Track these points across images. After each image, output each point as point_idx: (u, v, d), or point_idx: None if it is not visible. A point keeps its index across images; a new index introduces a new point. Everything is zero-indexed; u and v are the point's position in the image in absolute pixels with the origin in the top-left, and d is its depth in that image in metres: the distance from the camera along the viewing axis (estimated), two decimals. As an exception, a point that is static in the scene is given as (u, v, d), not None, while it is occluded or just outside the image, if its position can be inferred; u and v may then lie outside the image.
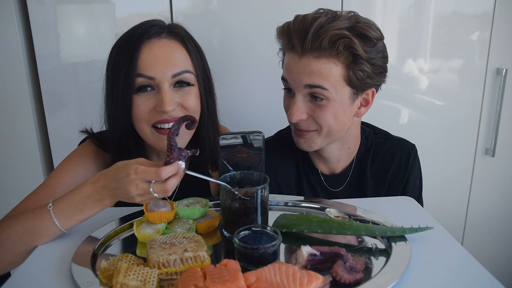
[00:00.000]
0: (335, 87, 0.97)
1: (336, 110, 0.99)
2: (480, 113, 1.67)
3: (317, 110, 0.99)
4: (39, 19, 1.43)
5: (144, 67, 0.93)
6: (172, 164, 0.77)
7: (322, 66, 0.95)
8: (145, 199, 0.79)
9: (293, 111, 0.99)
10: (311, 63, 0.95)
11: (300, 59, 0.96)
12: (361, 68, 0.96)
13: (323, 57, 0.94)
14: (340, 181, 1.16)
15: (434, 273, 0.70)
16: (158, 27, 0.97)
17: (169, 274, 0.69)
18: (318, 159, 1.15)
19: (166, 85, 0.94)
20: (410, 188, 1.17)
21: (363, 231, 0.80)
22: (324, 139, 1.04)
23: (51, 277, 0.72)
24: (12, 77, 1.46)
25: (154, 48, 0.94)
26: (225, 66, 1.14)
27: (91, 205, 0.82)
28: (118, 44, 0.98)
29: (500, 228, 1.81)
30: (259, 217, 0.82)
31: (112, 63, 0.98)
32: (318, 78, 0.95)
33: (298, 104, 0.99)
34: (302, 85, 0.97)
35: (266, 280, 0.63)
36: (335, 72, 0.95)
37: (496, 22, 1.56)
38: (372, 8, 1.54)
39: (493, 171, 1.73)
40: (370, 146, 1.17)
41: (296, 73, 0.97)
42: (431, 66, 1.60)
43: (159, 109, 0.94)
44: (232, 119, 1.27)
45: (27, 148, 1.52)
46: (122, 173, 0.77)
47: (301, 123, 1.02)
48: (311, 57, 0.95)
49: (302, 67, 0.96)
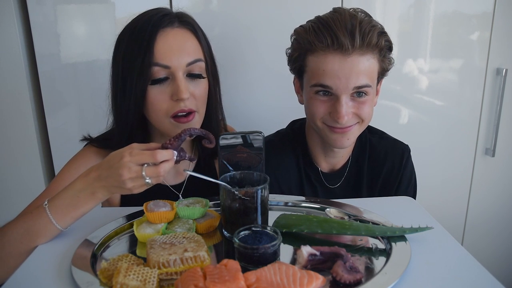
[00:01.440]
0: (373, 82, 1.00)
1: (371, 101, 1.02)
2: (480, 113, 1.67)
3: (360, 107, 1.00)
4: (39, 19, 1.43)
5: (160, 56, 0.94)
6: (168, 150, 0.78)
7: (366, 63, 0.96)
8: (137, 185, 0.78)
9: (343, 113, 0.97)
10: (358, 61, 0.95)
11: (346, 59, 0.94)
12: (389, 59, 1.01)
13: (367, 53, 0.95)
14: (337, 177, 1.17)
15: (434, 273, 0.70)
16: (169, 16, 0.97)
17: (169, 274, 0.69)
18: (324, 156, 1.15)
19: (181, 74, 0.95)
20: (402, 189, 1.17)
21: (363, 231, 0.80)
22: (361, 130, 1.06)
23: (51, 277, 0.72)
24: (12, 77, 1.46)
25: (168, 37, 0.95)
26: (225, 66, 1.14)
27: (84, 200, 0.81)
28: (128, 33, 0.97)
29: (500, 228, 1.81)
30: (259, 217, 0.82)
31: (123, 52, 0.97)
32: (366, 78, 0.96)
33: (345, 106, 0.98)
34: (351, 87, 0.96)
35: (266, 280, 0.63)
36: (375, 68, 0.99)
37: (496, 22, 1.56)
38: (372, 8, 1.54)
39: (493, 171, 1.73)
40: (365, 143, 1.18)
41: (344, 76, 0.95)
42: (431, 66, 1.60)
43: (175, 97, 0.95)
44: (232, 119, 1.27)
45: (27, 148, 1.52)
46: (116, 158, 0.78)
47: (346, 121, 1.01)
48: (357, 55, 0.94)
49: (350, 68, 0.94)
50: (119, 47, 0.99)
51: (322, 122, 1.03)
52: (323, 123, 1.03)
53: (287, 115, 1.27)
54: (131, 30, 0.97)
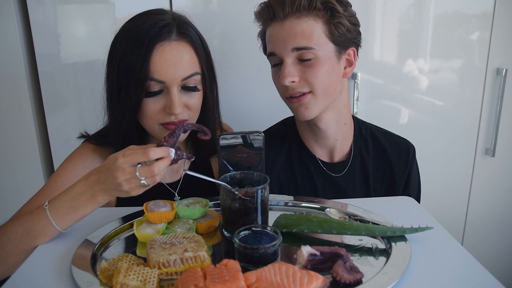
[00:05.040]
0: (319, 45, 1.00)
1: (325, 67, 1.01)
2: (480, 113, 1.67)
3: (308, 71, 1.00)
4: (39, 19, 1.43)
5: (155, 70, 0.94)
6: (162, 147, 0.77)
7: (304, 25, 0.99)
8: (133, 187, 0.77)
9: (285, 73, 1.00)
10: (293, 25, 0.99)
11: (282, 25, 1.00)
12: (340, 21, 1.01)
13: (303, 16, 0.99)
14: (340, 167, 1.16)
15: (434, 273, 0.70)
16: (168, 27, 0.96)
17: (169, 274, 0.69)
18: (316, 142, 1.15)
19: (175, 88, 0.96)
20: (412, 183, 1.18)
21: (363, 231, 0.80)
22: (321, 101, 1.04)
23: (51, 277, 0.72)
24: (12, 77, 1.46)
25: (165, 51, 0.95)
26: (225, 66, 1.14)
27: (84, 203, 0.81)
28: (125, 42, 0.96)
29: (500, 228, 1.81)
30: (259, 217, 0.82)
31: (118, 62, 0.97)
32: (302, 39, 0.98)
33: (288, 67, 1.00)
34: (289, 49, 1.00)
35: (266, 280, 0.63)
36: (316, 29, 0.99)
37: (496, 22, 1.56)
38: (372, 8, 1.54)
39: (493, 171, 1.73)
40: (365, 134, 1.18)
41: (282, 40, 1.00)
42: (431, 66, 1.60)
43: (168, 110, 0.96)
44: (232, 119, 1.27)
45: (27, 148, 1.52)
46: (111, 160, 0.78)
47: (294, 86, 1.01)
48: (292, 19, 0.99)
49: (287, 32, 0.99)
50: (115, 53, 0.98)
51: (285, 97, 1.06)
52: (285, 98, 1.06)
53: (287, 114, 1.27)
54: (128, 39, 0.96)
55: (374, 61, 1.57)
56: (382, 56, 1.59)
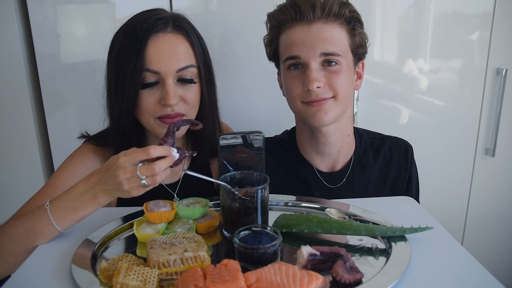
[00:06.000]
0: (344, 52, 1.01)
1: (346, 74, 1.02)
2: (480, 113, 1.67)
3: (332, 76, 1.00)
4: (39, 19, 1.43)
5: (150, 61, 0.94)
6: (163, 146, 0.77)
7: (332, 31, 0.99)
8: (133, 186, 0.77)
9: (312, 78, 0.98)
10: (322, 28, 0.98)
11: (309, 28, 0.99)
12: (360, 33, 1.02)
13: (330, 21, 0.99)
14: (338, 177, 1.15)
15: (434, 273, 0.70)
16: (163, 20, 0.97)
17: (169, 274, 0.69)
18: (317, 153, 1.14)
19: (171, 80, 0.96)
20: (413, 183, 1.18)
21: (363, 231, 0.80)
22: (340, 107, 1.04)
23: (51, 277, 0.72)
24: (12, 77, 1.46)
25: (160, 42, 0.95)
26: (225, 66, 1.14)
27: (85, 203, 0.81)
28: (122, 36, 0.98)
29: (500, 228, 1.81)
30: (259, 217, 0.82)
31: (116, 56, 0.98)
32: (331, 45, 0.98)
33: (315, 72, 0.99)
34: (317, 54, 0.99)
35: (266, 280, 0.63)
36: (342, 37, 1.00)
37: (496, 22, 1.56)
38: (372, 8, 1.54)
39: (493, 171, 1.73)
40: (365, 144, 1.18)
41: (309, 43, 0.98)
42: (431, 66, 1.60)
43: (163, 102, 0.96)
44: (232, 119, 1.27)
45: (27, 148, 1.52)
46: (113, 160, 0.78)
47: (319, 91, 1.00)
48: (319, 23, 0.98)
49: (315, 35, 0.98)
50: (113, 49, 1.00)
51: (300, 101, 1.04)
52: (302, 102, 1.04)
53: (287, 115, 1.27)
54: (125, 33, 0.98)
55: (374, 61, 1.57)
56: (382, 56, 1.59)
